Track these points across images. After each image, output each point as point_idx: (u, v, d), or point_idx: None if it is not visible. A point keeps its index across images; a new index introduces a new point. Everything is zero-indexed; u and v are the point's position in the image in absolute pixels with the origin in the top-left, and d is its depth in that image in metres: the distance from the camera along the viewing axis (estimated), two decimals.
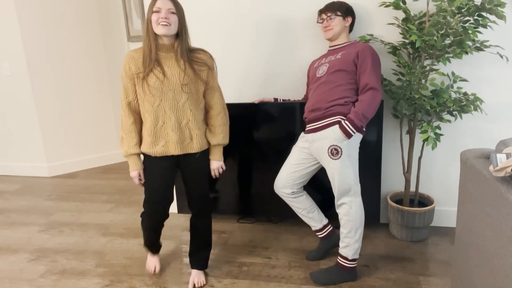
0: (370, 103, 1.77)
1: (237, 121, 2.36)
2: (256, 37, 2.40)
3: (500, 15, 1.78)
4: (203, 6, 2.41)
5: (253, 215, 2.60)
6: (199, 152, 1.80)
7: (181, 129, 1.72)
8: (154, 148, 1.73)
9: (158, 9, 1.60)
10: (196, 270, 2.00)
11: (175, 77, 1.66)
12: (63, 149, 3.88)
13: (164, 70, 1.65)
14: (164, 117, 1.70)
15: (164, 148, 1.72)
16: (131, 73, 1.69)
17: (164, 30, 1.61)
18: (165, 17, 1.60)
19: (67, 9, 3.65)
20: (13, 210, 3.05)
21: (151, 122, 1.71)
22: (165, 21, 1.60)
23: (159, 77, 1.65)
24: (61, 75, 3.73)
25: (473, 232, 1.32)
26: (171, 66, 1.67)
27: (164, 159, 1.75)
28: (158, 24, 1.60)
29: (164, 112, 1.69)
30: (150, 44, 1.64)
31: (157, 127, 1.71)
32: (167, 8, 1.61)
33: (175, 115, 1.70)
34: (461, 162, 1.43)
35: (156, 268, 2.08)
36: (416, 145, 2.35)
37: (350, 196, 1.84)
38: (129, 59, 1.68)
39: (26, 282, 2.07)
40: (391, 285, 1.90)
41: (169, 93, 1.67)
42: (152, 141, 1.72)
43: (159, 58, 1.66)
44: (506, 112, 2.21)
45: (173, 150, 1.73)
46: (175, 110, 1.69)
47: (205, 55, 1.75)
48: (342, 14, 1.95)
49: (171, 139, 1.71)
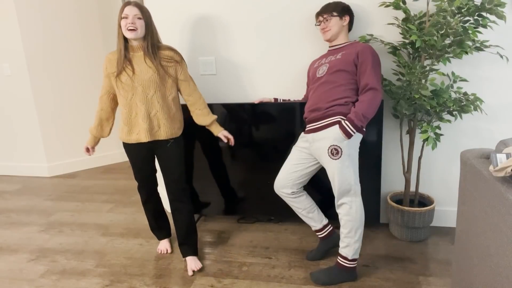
0: (370, 103, 1.77)
1: (237, 121, 2.36)
2: (256, 37, 2.40)
3: (500, 15, 1.78)
4: (203, 7, 2.41)
5: (253, 215, 2.60)
6: (171, 141, 2.01)
7: (150, 119, 1.94)
8: (130, 136, 1.98)
9: (126, 16, 1.82)
10: (189, 257, 2.12)
11: (143, 73, 1.88)
12: (63, 149, 3.88)
13: (133, 67, 1.88)
14: (136, 109, 1.93)
15: (138, 136, 1.96)
16: (107, 73, 1.95)
17: (132, 35, 1.83)
18: (132, 23, 1.81)
19: (67, 9, 3.65)
20: (13, 210, 3.05)
21: (126, 114, 1.95)
22: (132, 26, 1.81)
23: (129, 74, 1.88)
24: (61, 75, 3.73)
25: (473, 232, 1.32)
26: (140, 64, 1.89)
27: (139, 145, 2.01)
28: (126, 29, 1.82)
29: (136, 105, 1.92)
30: (120, 46, 1.87)
31: (131, 118, 1.95)
32: (134, 14, 1.82)
33: (144, 107, 1.91)
34: (461, 162, 1.43)
35: (167, 250, 2.30)
36: (416, 145, 2.35)
37: (350, 196, 1.84)
38: (106, 60, 1.94)
39: (26, 282, 2.07)
40: (391, 285, 1.90)
41: (139, 87, 1.89)
42: (128, 129, 1.97)
43: (130, 58, 1.89)
44: (506, 112, 2.21)
45: (144, 138, 1.95)
46: (145, 102, 1.91)
47: (171, 51, 1.95)
48: (338, 14, 1.95)
49: (142, 128, 1.94)
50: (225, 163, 2.46)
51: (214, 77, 2.52)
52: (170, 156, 2.02)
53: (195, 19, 2.45)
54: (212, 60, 2.48)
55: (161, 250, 2.30)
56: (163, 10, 2.47)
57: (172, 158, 2.03)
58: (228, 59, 2.48)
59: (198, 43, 2.48)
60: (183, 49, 2.51)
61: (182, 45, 2.51)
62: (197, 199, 2.57)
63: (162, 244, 2.32)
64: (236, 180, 2.48)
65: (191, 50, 2.50)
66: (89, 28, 3.80)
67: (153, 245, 2.39)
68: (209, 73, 2.51)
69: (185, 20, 2.45)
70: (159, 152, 2.03)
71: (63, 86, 3.76)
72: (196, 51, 2.49)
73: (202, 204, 2.58)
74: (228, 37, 2.44)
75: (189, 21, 2.45)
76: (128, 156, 2.08)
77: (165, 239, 2.33)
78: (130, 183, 3.55)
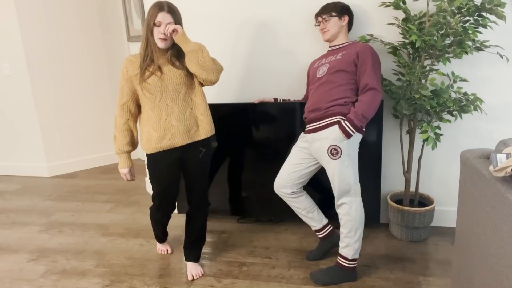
0: (370, 103, 1.77)
1: (237, 121, 2.36)
2: (256, 37, 2.39)
3: (500, 15, 1.78)
4: (203, 7, 2.41)
5: (253, 215, 2.60)
6: (203, 151, 1.89)
7: (186, 119, 1.81)
8: (161, 142, 1.80)
9: (159, 23, 1.70)
10: (191, 262, 2.08)
11: (172, 72, 1.78)
12: (63, 149, 3.88)
13: (160, 67, 1.77)
14: (167, 110, 1.79)
15: (171, 140, 1.80)
16: (128, 76, 1.80)
17: (163, 45, 1.74)
18: (164, 33, 1.71)
19: (67, 9, 3.65)
20: (13, 210, 3.05)
21: (154, 118, 1.80)
22: (163, 36, 1.71)
23: (157, 74, 1.76)
24: (61, 75, 3.73)
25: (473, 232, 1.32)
26: (167, 64, 1.79)
27: (169, 153, 1.83)
28: (157, 38, 1.72)
29: (166, 106, 1.79)
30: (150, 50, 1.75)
31: (161, 121, 1.79)
32: (167, 22, 1.71)
33: (177, 106, 1.80)
34: (461, 162, 1.43)
35: (168, 250, 2.28)
36: (416, 145, 2.35)
37: (350, 196, 1.84)
38: (128, 63, 1.80)
39: (26, 282, 2.07)
40: (391, 285, 1.90)
41: (169, 86, 1.77)
42: (159, 135, 1.80)
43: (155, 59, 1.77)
44: (506, 112, 2.21)
45: (180, 141, 1.81)
46: (177, 101, 1.80)
47: None
48: (337, 14, 1.95)
49: (177, 130, 1.80)
50: (225, 163, 2.46)
51: None
52: (200, 165, 1.90)
53: (195, 20, 2.45)
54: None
55: (161, 250, 2.29)
56: None
57: (202, 168, 1.91)
58: (228, 60, 2.47)
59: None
60: None
61: None
62: None
63: (162, 245, 2.30)
64: (236, 180, 2.48)
65: None
66: (89, 28, 3.80)
67: (153, 245, 2.39)
68: None
69: (186, 20, 2.45)
70: (188, 159, 1.87)
71: (63, 86, 3.76)
72: None
73: None
74: (229, 37, 2.44)
75: (189, 21, 2.45)
76: (154, 170, 1.86)
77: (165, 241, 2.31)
78: (130, 182, 3.55)
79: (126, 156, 1.89)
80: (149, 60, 1.76)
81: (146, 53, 1.76)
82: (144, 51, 1.76)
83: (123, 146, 1.87)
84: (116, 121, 1.87)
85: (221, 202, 2.55)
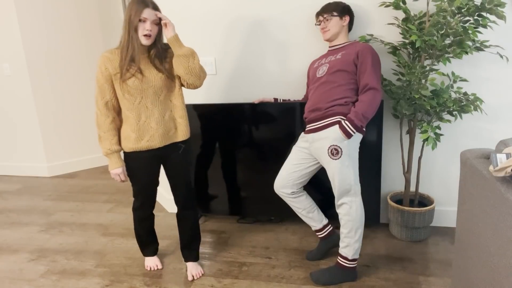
0: (370, 103, 1.77)
1: (237, 121, 2.36)
2: (256, 37, 2.39)
3: (500, 15, 1.78)
4: (203, 7, 2.41)
5: (253, 215, 2.60)
6: (182, 147, 1.89)
7: (165, 121, 1.80)
8: (139, 143, 1.79)
9: (144, 19, 1.65)
10: (191, 262, 2.07)
11: (153, 75, 1.74)
12: (63, 149, 3.88)
13: (141, 69, 1.72)
14: (147, 112, 1.77)
15: (149, 142, 1.79)
16: (108, 74, 1.73)
17: (147, 42, 1.69)
18: (150, 29, 1.67)
19: (67, 9, 3.65)
20: (13, 210, 3.05)
21: (133, 119, 1.77)
22: (149, 33, 1.67)
23: (138, 77, 1.71)
24: (61, 75, 3.73)
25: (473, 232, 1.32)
26: (148, 66, 1.75)
27: (148, 153, 1.82)
28: (142, 35, 1.67)
29: (146, 108, 1.77)
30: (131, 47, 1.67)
31: (140, 123, 1.77)
32: (153, 19, 1.67)
33: (158, 109, 1.78)
34: (461, 162, 1.43)
35: (157, 266, 2.14)
36: (416, 145, 2.35)
37: (350, 196, 1.84)
38: (106, 60, 1.72)
39: (26, 282, 2.07)
40: (391, 285, 1.90)
41: (149, 89, 1.75)
42: (136, 136, 1.78)
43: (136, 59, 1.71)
44: (506, 112, 2.21)
45: (158, 143, 1.80)
46: (158, 104, 1.78)
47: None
48: (338, 14, 1.95)
49: (156, 132, 1.79)
50: (225, 163, 2.46)
51: (214, 77, 2.52)
52: (181, 161, 1.90)
53: (195, 19, 2.45)
54: (212, 60, 2.48)
55: (150, 266, 2.13)
56: (163, 10, 2.47)
57: (184, 163, 1.91)
58: (228, 59, 2.48)
59: (198, 43, 2.48)
60: None
61: None
62: (197, 199, 2.57)
63: (151, 260, 2.15)
64: (236, 180, 2.48)
65: None
66: (89, 28, 3.80)
67: None
68: (209, 73, 2.51)
69: (185, 20, 2.45)
70: (170, 158, 1.88)
71: (63, 86, 3.76)
72: (196, 51, 2.49)
73: (202, 204, 2.58)
74: (228, 37, 2.44)
75: (189, 21, 2.45)
76: (132, 168, 1.85)
77: (154, 256, 2.18)
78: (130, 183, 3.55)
79: (117, 156, 1.82)
80: (129, 59, 1.68)
81: (127, 51, 1.68)
82: (126, 48, 1.68)
83: (112, 146, 1.79)
84: (100, 120, 1.78)
85: (221, 202, 2.55)
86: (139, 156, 1.82)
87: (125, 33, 1.68)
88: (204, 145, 2.45)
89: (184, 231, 2.05)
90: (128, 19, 1.65)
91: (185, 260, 2.09)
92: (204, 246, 2.35)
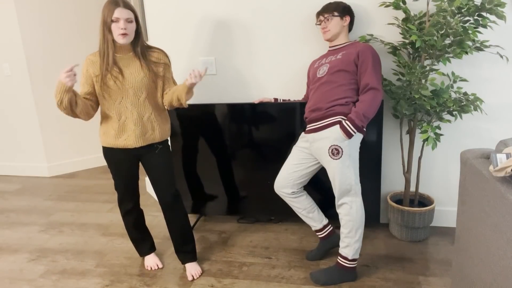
0: (370, 103, 1.77)
1: (237, 121, 2.36)
2: (256, 37, 2.39)
3: (500, 15, 1.78)
4: (203, 7, 2.41)
5: (253, 215, 2.60)
6: (159, 147, 1.90)
7: (143, 123, 1.83)
8: (117, 140, 1.83)
9: (116, 19, 1.66)
10: (189, 263, 2.06)
11: (134, 76, 1.77)
12: (63, 149, 3.88)
13: (122, 71, 1.75)
14: (126, 112, 1.80)
15: (126, 141, 1.83)
16: (88, 75, 1.78)
17: (124, 40, 1.70)
18: (124, 28, 1.67)
19: (67, 9, 3.65)
20: (13, 210, 3.05)
21: (114, 118, 1.82)
22: (124, 31, 1.68)
23: (118, 78, 1.75)
24: None
25: (473, 232, 1.32)
26: (129, 67, 1.77)
27: (125, 151, 1.87)
28: (118, 35, 1.68)
29: (126, 109, 1.80)
30: (107, 49, 1.71)
31: (120, 122, 1.81)
32: (125, 18, 1.67)
33: (137, 110, 1.81)
34: (461, 162, 1.43)
35: (158, 265, 2.13)
36: (416, 145, 2.35)
37: (350, 196, 1.84)
38: (89, 63, 1.78)
39: (26, 282, 2.07)
40: (391, 285, 1.90)
41: (130, 90, 1.77)
42: (116, 133, 1.83)
43: (116, 60, 1.75)
44: (506, 112, 2.21)
45: (133, 143, 1.82)
46: (137, 105, 1.80)
47: (160, 53, 1.86)
48: (339, 14, 1.95)
49: (133, 133, 1.82)
50: (225, 163, 2.46)
51: (214, 77, 2.52)
52: (160, 161, 1.91)
53: (195, 19, 2.45)
54: (212, 60, 2.48)
55: (150, 266, 2.12)
56: (163, 10, 2.47)
57: (162, 163, 1.91)
58: (228, 59, 2.48)
59: (198, 43, 2.48)
60: (183, 49, 2.51)
61: (182, 45, 2.51)
62: (197, 199, 2.57)
63: (151, 259, 2.14)
64: (236, 180, 2.48)
65: (191, 50, 2.50)
66: (89, 28, 3.79)
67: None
68: (209, 73, 2.51)
69: (186, 20, 2.45)
70: (147, 158, 1.90)
71: None
72: (196, 51, 2.49)
73: (202, 204, 2.58)
74: (228, 37, 2.44)
75: (189, 21, 2.45)
76: (110, 163, 1.91)
77: (151, 254, 2.17)
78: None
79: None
80: (107, 59, 1.71)
81: (104, 52, 1.72)
82: (103, 51, 1.72)
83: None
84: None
85: (221, 202, 2.55)
86: (117, 152, 1.88)
87: (100, 35, 1.72)
88: (204, 145, 2.45)
89: (174, 234, 2.03)
90: (102, 21, 1.69)
91: (182, 263, 2.08)
92: (204, 246, 2.35)
